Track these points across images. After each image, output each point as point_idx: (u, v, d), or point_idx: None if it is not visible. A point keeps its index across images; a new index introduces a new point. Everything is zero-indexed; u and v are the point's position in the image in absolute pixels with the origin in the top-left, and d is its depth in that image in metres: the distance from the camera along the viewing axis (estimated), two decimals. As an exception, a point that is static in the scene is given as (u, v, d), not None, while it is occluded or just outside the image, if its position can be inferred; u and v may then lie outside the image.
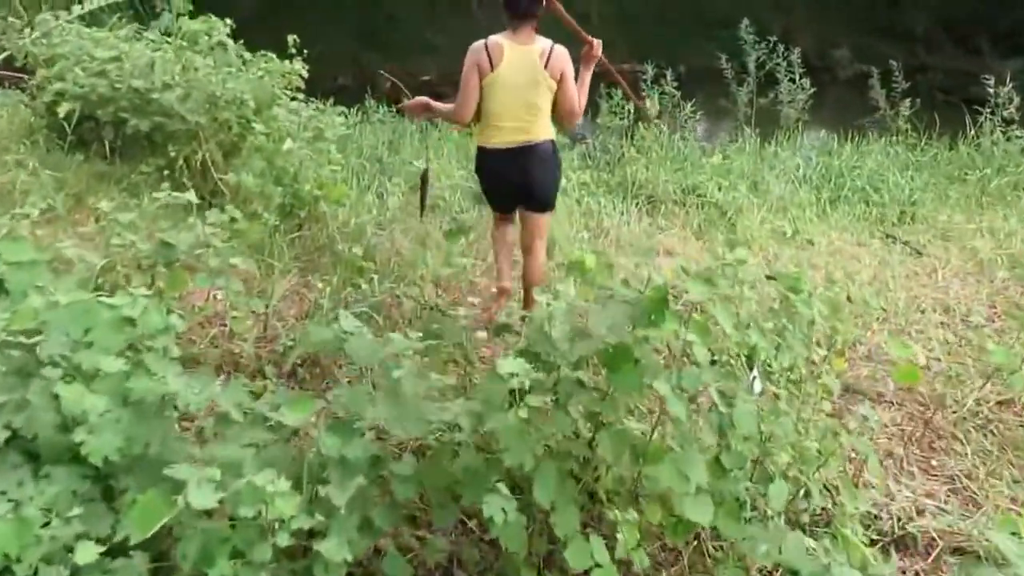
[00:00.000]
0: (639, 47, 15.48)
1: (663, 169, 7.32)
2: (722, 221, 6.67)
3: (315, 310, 3.85)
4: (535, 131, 3.71)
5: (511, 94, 3.63)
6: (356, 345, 2.42)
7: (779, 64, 8.61)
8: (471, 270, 4.86)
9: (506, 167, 3.76)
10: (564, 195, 6.52)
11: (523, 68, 3.61)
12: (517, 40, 3.65)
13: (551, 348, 2.32)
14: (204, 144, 4.64)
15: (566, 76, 3.69)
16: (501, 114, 3.66)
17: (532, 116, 3.68)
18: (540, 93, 3.64)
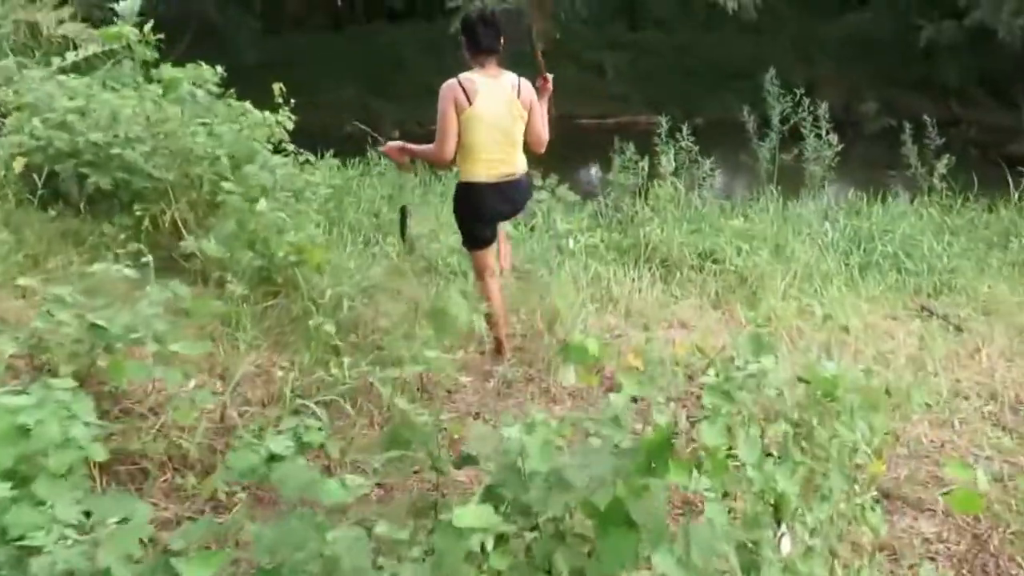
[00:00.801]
0: (655, 99, 15.20)
1: (678, 231, 6.89)
2: (742, 289, 6.21)
3: (279, 397, 3.41)
4: (516, 162, 3.95)
5: (491, 126, 3.78)
6: (286, 475, 1.98)
7: (804, 119, 8.22)
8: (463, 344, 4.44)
9: (495, 201, 3.94)
10: (570, 259, 6.11)
11: (499, 100, 3.78)
12: (487, 74, 3.82)
13: (523, 491, 1.86)
14: (174, 203, 4.28)
15: (534, 106, 3.92)
16: (483, 147, 3.81)
17: (512, 147, 3.88)
18: (516, 124, 3.85)
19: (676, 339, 5.21)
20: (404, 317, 4.20)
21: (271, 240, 3.99)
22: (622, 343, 4.93)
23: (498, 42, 3.82)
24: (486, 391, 4.11)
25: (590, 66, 16.02)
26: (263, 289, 4.25)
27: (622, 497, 1.75)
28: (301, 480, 1.95)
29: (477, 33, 3.82)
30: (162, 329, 2.89)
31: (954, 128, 13.15)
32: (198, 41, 10.85)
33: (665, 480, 1.76)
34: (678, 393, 4.39)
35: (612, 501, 1.75)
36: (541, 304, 4.90)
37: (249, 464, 2.02)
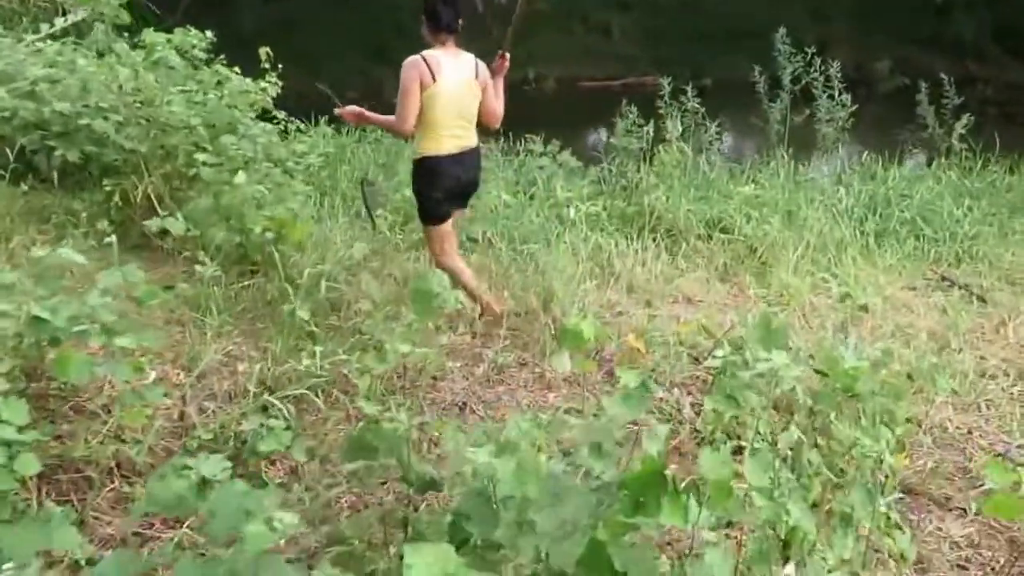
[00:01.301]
0: (663, 60, 14.67)
1: (685, 198, 6.51)
2: (751, 260, 5.86)
3: (245, 391, 3.10)
4: (472, 137, 4.06)
5: (450, 103, 3.85)
6: (217, 507, 1.67)
7: (816, 79, 7.77)
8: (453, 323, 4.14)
9: (459, 170, 4.01)
10: (570, 229, 5.76)
11: (459, 79, 3.87)
12: (449, 53, 3.88)
13: (492, 527, 1.55)
14: (147, 176, 3.94)
15: (489, 85, 4.02)
16: (443, 123, 3.88)
17: (468, 123, 4.00)
18: (473, 102, 3.96)
19: (681, 317, 4.88)
20: (388, 297, 3.88)
21: (247, 215, 3.66)
22: (623, 321, 4.61)
23: (457, 21, 3.88)
24: (475, 377, 3.80)
25: (597, 27, 15.47)
26: (240, 268, 3.93)
27: (603, 541, 1.43)
28: (233, 513, 1.64)
29: (438, 12, 3.85)
30: (112, 319, 2.57)
31: (970, 87, 12.55)
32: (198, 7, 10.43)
33: (656, 520, 1.44)
34: (682, 378, 4.07)
35: (591, 545, 1.43)
36: (536, 281, 4.56)
37: (174, 494, 1.71)
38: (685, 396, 3.97)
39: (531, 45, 13.94)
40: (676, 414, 3.81)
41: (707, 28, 15.52)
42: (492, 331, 4.17)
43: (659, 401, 3.86)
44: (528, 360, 3.99)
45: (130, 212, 3.93)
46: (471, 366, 3.89)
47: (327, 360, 3.26)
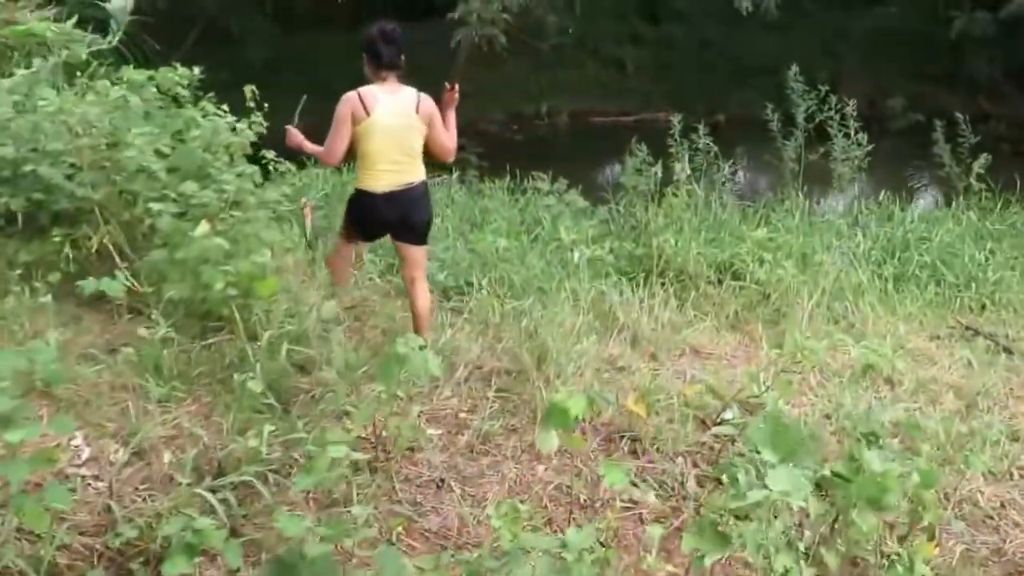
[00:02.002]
0: (677, 96, 14.19)
1: (695, 240, 6.00)
2: (764, 307, 5.33)
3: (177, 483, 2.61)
4: (413, 173, 3.86)
5: (388, 137, 3.74)
6: None
7: (831, 117, 7.26)
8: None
9: (388, 208, 3.85)
10: (574, 274, 5.27)
11: (397, 113, 3.74)
12: (387, 89, 3.77)
13: None
14: (103, 225, 3.51)
15: (435, 119, 3.85)
16: (379, 157, 3.77)
17: (409, 158, 3.82)
18: (415, 136, 3.80)
19: (687, 373, 4.36)
20: (362, 360, 3.40)
21: (205, 271, 3.20)
22: (624, 379, 4.09)
23: (399, 58, 3.79)
24: (457, 448, 3.30)
25: (610, 61, 15.04)
26: (204, 325, 3.46)
27: None
28: None
29: (379, 50, 3.75)
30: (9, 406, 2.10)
31: (983, 124, 11.96)
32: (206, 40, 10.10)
33: None
34: (687, 445, 3.54)
35: None
36: (531, 334, 4.07)
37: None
38: (690, 468, 3.45)
39: (544, 79, 13.60)
40: (679, 489, 3.29)
41: (720, 64, 15.05)
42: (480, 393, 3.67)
43: (660, 474, 3.34)
44: (517, 427, 3.49)
45: (86, 264, 3.49)
46: (453, 434, 3.40)
47: (282, 438, 2.78)
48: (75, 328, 3.28)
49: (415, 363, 2.66)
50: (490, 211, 6.68)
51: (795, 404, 4.16)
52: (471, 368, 3.89)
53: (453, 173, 7.57)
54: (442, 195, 6.96)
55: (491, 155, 9.53)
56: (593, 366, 4.18)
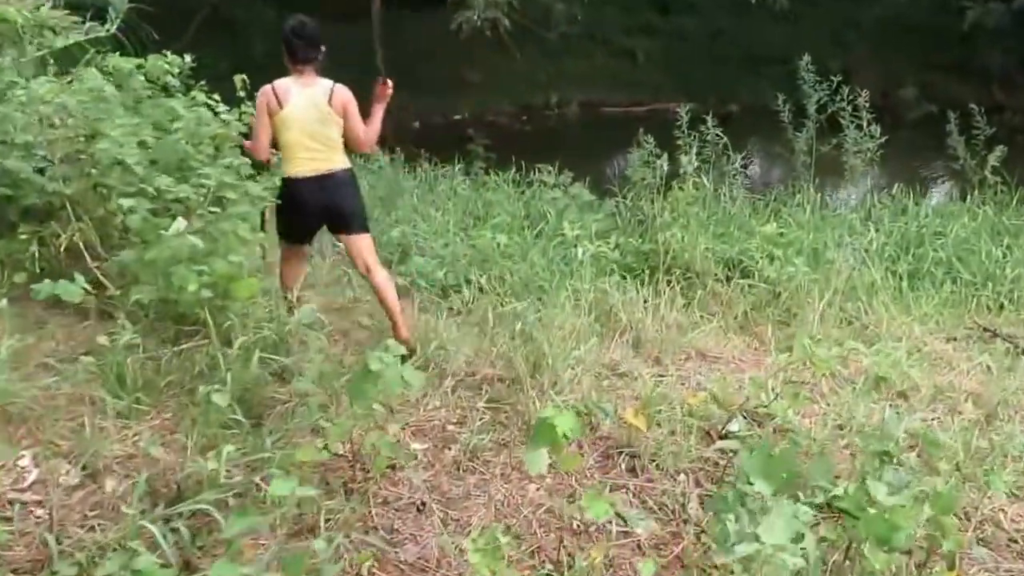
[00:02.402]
0: (688, 86, 13.77)
1: (703, 235, 5.65)
2: (774, 307, 4.98)
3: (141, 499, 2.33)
4: (332, 160, 3.85)
5: (302, 128, 3.77)
6: None
7: (843, 108, 6.86)
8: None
9: (310, 194, 3.84)
10: (578, 271, 4.95)
11: (308, 105, 3.77)
12: (301, 82, 3.80)
13: None
14: (74, 222, 3.22)
15: (349, 110, 3.82)
16: (296, 146, 3.79)
17: (325, 147, 3.81)
18: (328, 126, 3.80)
19: (693, 378, 4.04)
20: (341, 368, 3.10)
21: (176, 272, 2.91)
22: (625, 386, 3.78)
23: (312, 52, 3.80)
24: (443, 464, 3.00)
25: (620, 52, 14.57)
26: (178, 330, 3.17)
27: None
28: None
29: (293, 45, 3.79)
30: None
31: (997, 114, 11.46)
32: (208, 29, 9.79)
33: None
34: (691, 461, 3.23)
35: None
36: (525, 339, 3.75)
37: None
38: (692, 486, 3.13)
39: (553, 69, 13.18)
40: (680, 512, 2.98)
41: (731, 54, 14.55)
42: (470, 403, 3.37)
43: (660, 494, 3.03)
44: (508, 441, 3.18)
45: (55, 263, 3.20)
46: (440, 449, 3.09)
47: (249, 457, 2.49)
48: (38, 333, 3.01)
49: (389, 380, 2.35)
50: (493, 204, 6.36)
51: (805, 414, 3.83)
52: (462, 375, 3.59)
53: (458, 163, 7.25)
54: (444, 188, 6.65)
55: (499, 147, 9.19)
56: (593, 372, 3.88)
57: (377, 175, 6.80)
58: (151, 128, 3.62)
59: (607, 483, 3.04)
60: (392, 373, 2.38)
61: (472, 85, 12.90)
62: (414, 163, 7.48)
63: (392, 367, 2.40)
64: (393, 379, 2.39)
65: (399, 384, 2.41)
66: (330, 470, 2.85)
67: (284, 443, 2.67)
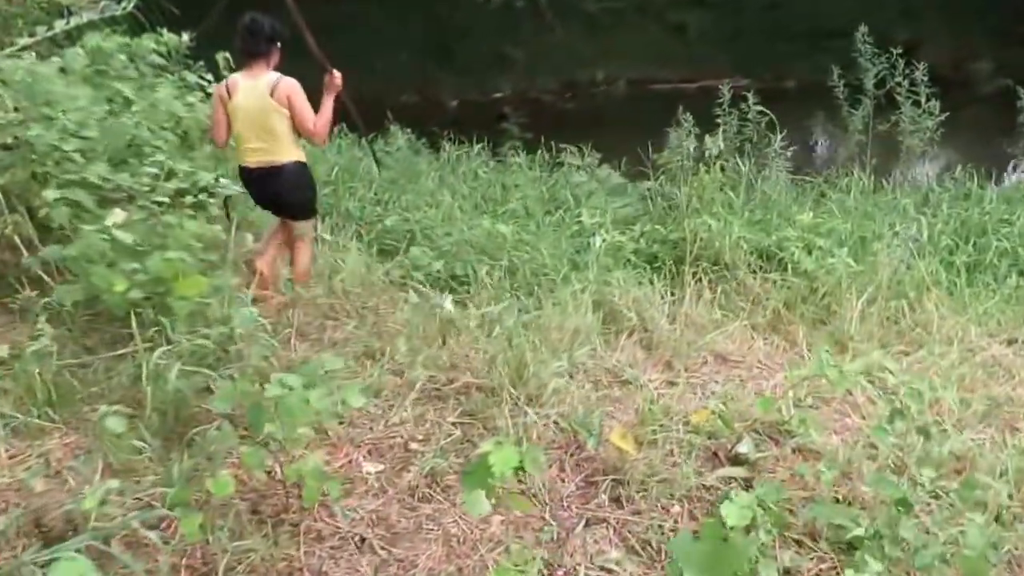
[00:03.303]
0: (742, 61, 12.92)
1: (737, 223, 5.07)
2: (811, 304, 4.41)
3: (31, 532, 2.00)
4: (278, 153, 3.83)
5: (247, 119, 3.78)
6: None
7: (899, 83, 6.13)
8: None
9: (257, 185, 3.90)
10: (584, 267, 4.46)
11: (253, 97, 3.76)
12: (250, 75, 3.80)
13: None
14: (7, 214, 2.92)
15: (294, 102, 3.76)
16: (243, 137, 3.82)
17: (271, 139, 3.80)
18: (272, 118, 3.77)
19: (708, 385, 3.54)
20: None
21: (97, 270, 2.57)
22: (627, 396, 3.30)
23: (259, 46, 3.79)
24: (397, 490, 2.60)
25: (672, 26, 13.73)
26: (115, 334, 2.84)
27: None
28: None
29: (242, 39, 3.81)
30: None
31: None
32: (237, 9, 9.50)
33: None
34: (688, 489, 2.75)
35: None
36: (509, 341, 3.30)
37: None
38: (686, 520, 2.66)
39: (601, 44, 12.47)
40: (668, 552, 2.52)
41: (791, 27, 13.55)
42: (439, 418, 2.95)
43: (645, 531, 2.56)
44: (477, 462, 2.75)
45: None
46: (397, 471, 2.70)
47: (148, 491, 2.13)
48: (-37, 336, 2.71)
49: (291, 408, 1.95)
50: (514, 188, 5.89)
51: (836, 430, 3.30)
52: (438, 382, 3.17)
53: (484, 144, 6.77)
54: (465, 169, 6.21)
55: (538, 125, 8.68)
56: (591, 379, 3.42)
57: (394, 157, 6.39)
58: (106, 112, 3.28)
59: (584, 515, 2.60)
60: (294, 400, 1.98)
61: (514, 62, 12.34)
62: (439, 144, 7.05)
63: (296, 393, 2.00)
64: (296, 407, 1.98)
65: (303, 412, 2.01)
66: (265, 497, 2.49)
67: (200, 470, 2.30)
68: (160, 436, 2.45)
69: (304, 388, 2.11)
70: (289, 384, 2.01)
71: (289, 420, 2.01)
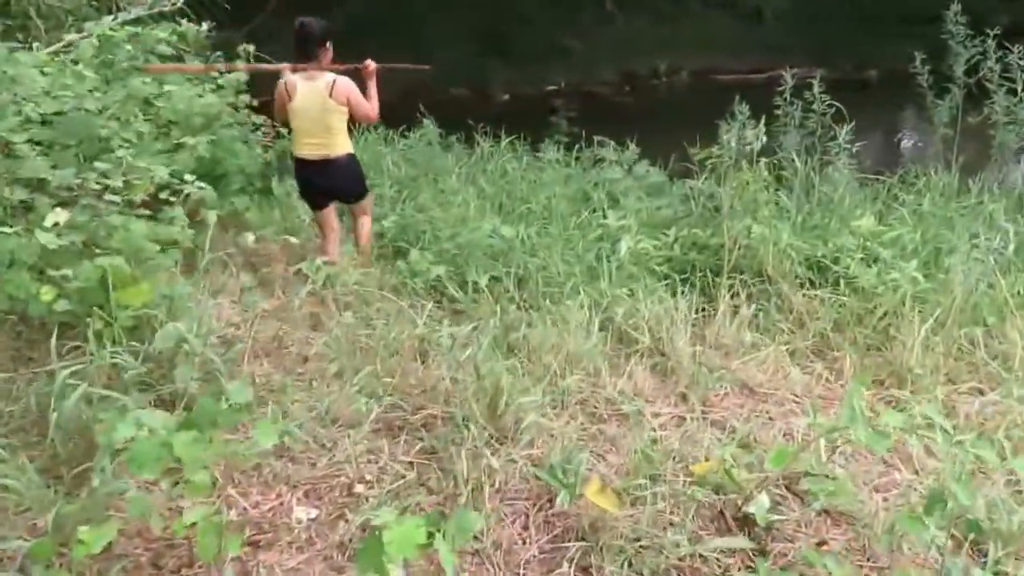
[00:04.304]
0: (821, 49, 12.04)
1: (787, 228, 4.53)
2: (866, 327, 3.84)
3: None
4: (333, 147, 4.25)
5: (307, 118, 4.17)
6: None
7: (992, 68, 5.42)
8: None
9: (312, 175, 4.31)
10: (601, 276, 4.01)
11: (312, 99, 4.13)
12: (307, 77, 4.16)
13: None
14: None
15: (352, 99, 4.18)
16: (302, 131, 4.22)
17: (328, 135, 4.21)
18: (331, 117, 4.17)
19: (726, 424, 3.05)
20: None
21: (13, 276, 2.30)
22: (623, 434, 2.85)
23: (312, 49, 4.11)
24: (327, 543, 2.24)
25: (743, 11, 12.92)
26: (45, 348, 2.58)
27: None
28: None
29: (297, 44, 4.12)
30: None
31: None
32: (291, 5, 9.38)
33: None
34: (677, 559, 2.29)
35: None
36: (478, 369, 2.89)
37: None
38: (675, 599, 2.22)
39: (665, 33, 11.80)
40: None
41: (876, 12, 12.59)
42: (394, 455, 2.59)
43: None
44: (434, 506, 2.37)
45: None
46: (334, 518, 2.33)
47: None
48: None
49: (140, 458, 1.61)
50: (542, 186, 5.47)
51: (878, 486, 2.78)
52: (404, 410, 2.80)
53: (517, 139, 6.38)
54: (493, 166, 5.83)
55: (589, 119, 8.20)
56: (587, 410, 2.99)
57: (417, 151, 6.06)
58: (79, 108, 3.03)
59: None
60: (147, 446, 1.63)
61: (572, 53, 11.85)
62: (479, 138, 6.69)
63: (151, 438, 1.65)
64: (145, 454, 1.64)
65: (153, 460, 1.66)
66: (173, 547, 2.17)
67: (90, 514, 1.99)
68: (51, 473, 2.16)
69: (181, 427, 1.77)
70: (148, 424, 1.68)
71: (137, 468, 1.67)
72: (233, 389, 2.00)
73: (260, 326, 3.33)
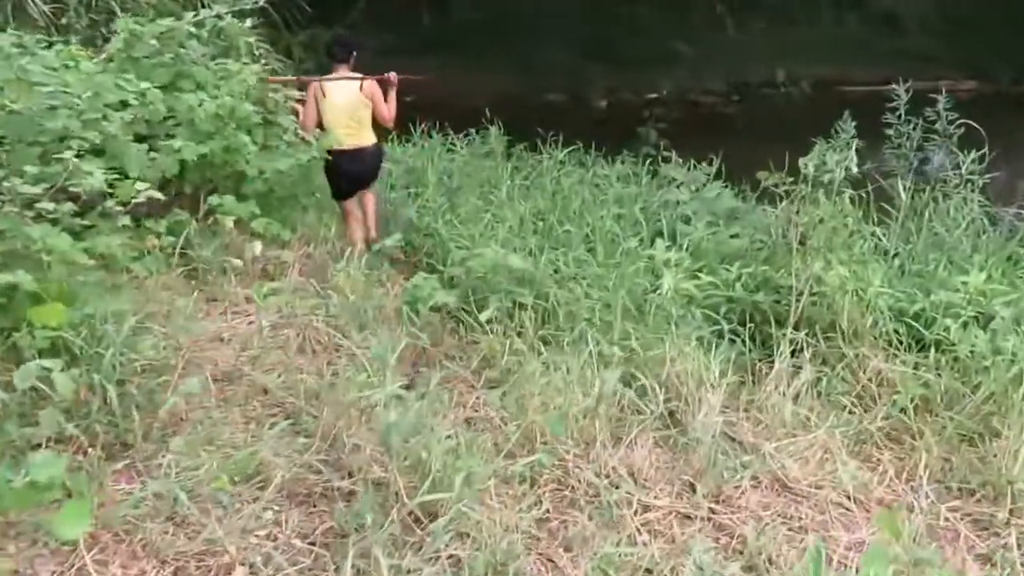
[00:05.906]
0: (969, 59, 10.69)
1: (880, 272, 3.78)
2: (959, 410, 3.07)
3: None
4: (364, 137, 4.92)
5: (342, 112, 4.82)
6: None
7: None
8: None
9: (346, 163, 4.84)
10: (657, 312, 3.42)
11: (347, 94, 4.83)
12: (340, 75, 4.87)
13: None
14: None
15: (376, 97, 4.90)
16: (336, 125, 4.81)
17: (358, 125, 4.87)
18: (361, 110, 4.86)
19: (739, 530, 2.42)
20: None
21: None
22: (582, 538, 2.28)
23: (346, 55, 4.91)
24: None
25: (878, 15, 11.63)
26: None
27: None
28: None
29: (334, 50, 4.97)
30: None
31: None
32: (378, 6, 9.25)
33: None
34: None
35: None
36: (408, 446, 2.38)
37: None
38: None
39: (786, 39, 10.77)
40: None
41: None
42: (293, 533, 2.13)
43: None
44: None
45: None
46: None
47: None
48: None
49: None
50: (599, 204, 4.91)
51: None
52: (321, 477, 2.34)
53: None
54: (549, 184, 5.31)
55: (689, 131, 7.57)
56: (555, 497, 2.44)
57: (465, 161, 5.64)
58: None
59: None
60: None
61: (681, 59, 11.09)
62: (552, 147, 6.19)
63: None
64: None
65: None
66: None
67: None
68: None
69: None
70: None
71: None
72: (37, 461, 1.60)
73: (213, 353, 2.97)
